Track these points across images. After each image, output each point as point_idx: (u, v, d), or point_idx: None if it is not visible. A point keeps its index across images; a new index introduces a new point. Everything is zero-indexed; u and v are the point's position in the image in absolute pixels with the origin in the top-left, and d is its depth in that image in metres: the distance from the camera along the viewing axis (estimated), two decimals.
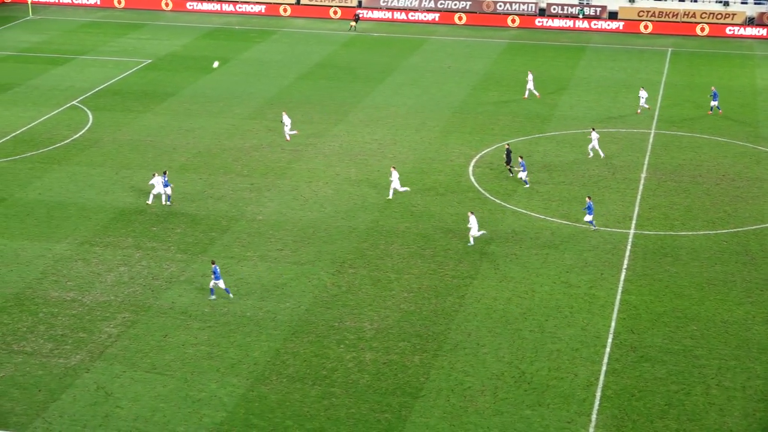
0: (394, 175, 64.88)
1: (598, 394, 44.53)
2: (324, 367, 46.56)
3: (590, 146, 71.68)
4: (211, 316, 50.99)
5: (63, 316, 51.07)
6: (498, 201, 64.57)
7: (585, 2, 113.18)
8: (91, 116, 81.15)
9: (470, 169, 69.97)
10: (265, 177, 68.52)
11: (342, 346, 48.36)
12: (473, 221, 57.99)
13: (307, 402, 43.99)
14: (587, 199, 60.52)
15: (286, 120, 75.20)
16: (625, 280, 54.61)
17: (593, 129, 72.70)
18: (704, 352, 47.79)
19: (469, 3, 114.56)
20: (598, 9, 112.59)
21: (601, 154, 71.55)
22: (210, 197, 65.07)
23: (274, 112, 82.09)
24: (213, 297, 52.52)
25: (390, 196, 64.98)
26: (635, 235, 59.92)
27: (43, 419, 42.80)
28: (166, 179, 63.54)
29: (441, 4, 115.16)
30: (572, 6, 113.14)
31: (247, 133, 77.33)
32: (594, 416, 43.01)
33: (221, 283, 52.28)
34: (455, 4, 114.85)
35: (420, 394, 44.57)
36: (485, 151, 73.04)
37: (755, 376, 45.93)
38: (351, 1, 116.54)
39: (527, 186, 66.31)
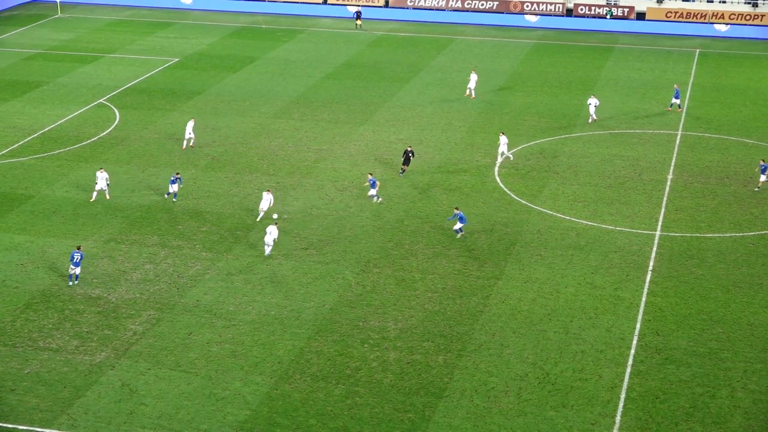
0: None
1: (623, 396, 44.38)
2: (348, 366, 46.59)
3: (499, 150, 70.62)
4: (236, 314, 51.11)
5: (89, 313, 51.30)
6: (524, 202, 64.44)
7: (612, 3, 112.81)
8: (118, 114, 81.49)
9: (496, 169, 69.85)
10: (291, 176, 68.62)
11: (366, 345, 48.38)
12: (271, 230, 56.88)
13: (330, 401, 44.03)
14: (455, 210, 59.33)
15: (189, 126, 73.88)
16: (650, 282, 54.39)
17: (502, 133, 71.72)
18: (730, 354, 47.54)
19: (496, 3, 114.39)
20: (626, 9, 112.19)
21: (510, 157, 70.65)
22: (236, 196, 65.22)
23: (301, 111, 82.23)
24: (71, 283, 53.48)
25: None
26: (661, 237, 59.68)
27: (68, 416, 43.01)
28: (176, 177, 64.08)
29: (468, 3, 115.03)
30: (600, 6, 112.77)
31: (273, 132, 77.48)
32: (618, 418, 42.86)
33: (78, 270, 53.15)
34: (482, 4, 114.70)
35: (444, 394, 44.53)
36: (511, 152, 72.88)
37: None
38: (378, 1, 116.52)
39: (379, 201, 63.85)
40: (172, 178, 64.14)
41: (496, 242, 59.02)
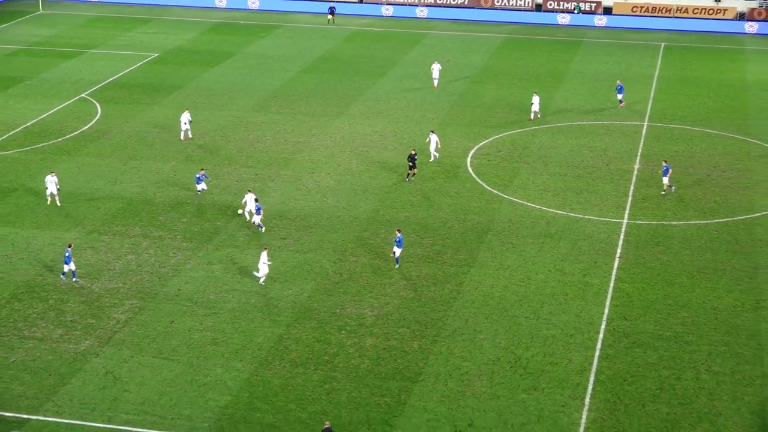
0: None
1: (592, 378, 44.64)
2: (326, 353, 46.66)
3: (431, 148, 69.99)
4: (216, 302, 51.08)
5: (72, 302, 51.17)
6: (495, 191, 64.59)
7: None
8: (99, 108, 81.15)
9: (468, 160, 69.98)
10: (269, 168, 68.54)
11: (343, 332, 48.46)
12: (263, 258, 52.69)
13: (309, 386, 44.09)
14: (397, 232, 54.95)
15: (185, 118, 73.83)
16: (618, 268, 54.67)
17: (432, 131, 71.36)
18: (694, 338, 47.88)
19: None
20: (593, 4, 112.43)
21: (432, 157, 69.52)
22: (215, 187, 65.09)
23: (278, 104, 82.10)
24: (64, 279, 53.24)
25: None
26: (628, 225, 59.96)
27: (53, 402, 42.92)
28: (201, 175, 63.47)
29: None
30: (568, 2, 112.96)
31: (251, 125, 77.33)
32: (587, 400, 43.12)
33: (71, 266, 52.78)
34: (454, 0, 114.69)
35: (419, 378, 44.67)
36: (483, 143, 73.04)
37: (744, 361, 46.02)
38: None
39: (262, 230, 59.40)
40: (198, 176, 63.35)
41: (468, 231, 59.16)
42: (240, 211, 60.66)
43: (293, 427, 41.37)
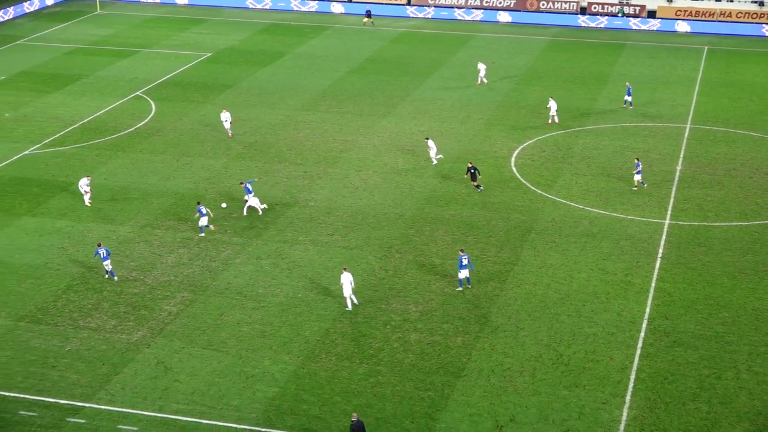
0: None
1: (633, 376, 44.28)
2: (371, 347, 46.64)
3: (431, 154, 69.27)
4: (265, 296, 51.21)
5: (126, 294, 51.52)
6: (539, 191, 64.26)
7: (625, 1, 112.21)
8: (153, 106, 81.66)
9: (512, 160, 69.68)
10: (318, 165, 68.62)
11: (388, 327, 48.41)
12: (346, 279, 50.16)
13: (354, 379, 44.09)
14: (460, 252, 52.36)
15: (225, 116, 73.97)
16: (659, 268, 54.18)
17: (427, 138, 70.50)
18: (735, 338, 47.35)
19: (513, 1, 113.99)
20: (638, 8, 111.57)
21: (434, 161, 69.05)
22: (265, 184, 65.27)
23: (327, 104, 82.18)
24: (114, 277, 53.12)
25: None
26: (670, 225, 59.41)
27: (106, 391, 43.23)
28: (250, 183, 61.42)
29: (486, 2, 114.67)
30: (612, 5, 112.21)
31: (300, 123, 77.46)
32: (628, 398, 42.78)
33: (107, 265, 52.85)
34: (500, 2, 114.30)
35: (462, 373, 44.53)
36: (527, 143, 72.69)
37: None
38: None
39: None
40: (248, 187, 60.82)
41: (512, 229, 58.90)
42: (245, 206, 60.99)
43: (338, 419, 41.38)
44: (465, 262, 51.32)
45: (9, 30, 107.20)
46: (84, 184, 62.33)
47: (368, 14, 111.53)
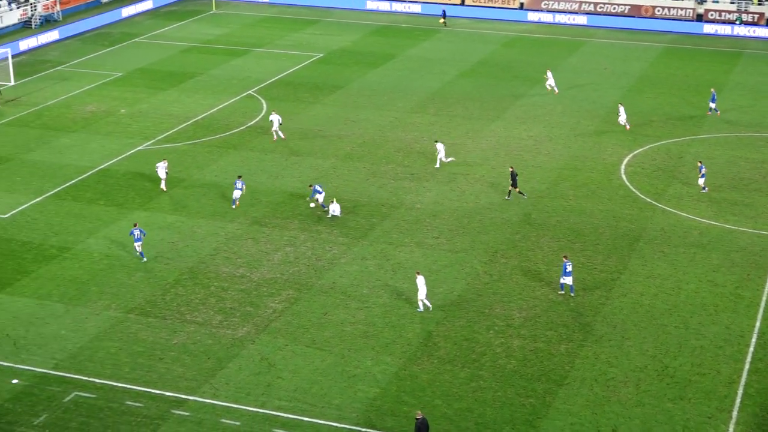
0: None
1: (740, 391, 43.40)
2: (473, 351, 46.55)
3: (439, 157, 68.62)
4: (369, 297, 51.47)
5: (232, 290, 52.27)
6: (648, 200, 63.39)
7: (743, 9, 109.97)
8: (265, 105, 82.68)
9: (622, 168, 68.85)
10: (425, 168, 68.71)
11: (491, 331, 48.26)
12: (421, 283, 50.22)
13: (456, 383, 44.06)
14: (564, 258, 52.24)
15: (275, 118, 74.07)
16: None
17: (437, 141, 70.04)
18: None
19: (627, 7, 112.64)
20: (756, 15, 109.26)
21: (438, 165, 68.53)
22: (372, 185, 65.61)
23: (436, 106, 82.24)
24: (143, 258, 55.27)
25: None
26: None
27: (210, 385, 43.92)
28: (318, 188, 61.94)
29: (600, 7, 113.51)
30: (730, 12, 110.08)
31: (409, 125, 77.66)
32: (735, 413, 41.94)
33: (138, 246, 54.96)
34: (614, 8, 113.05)
35: (564, 381, 44.18)
36: (638, 151, 71.77)
37: None
38: (513, 3, 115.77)
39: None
40: (317, 188, 61.62)
41: (620, 238, 58.21)
42: (312, 205, 61.47)
43: (439, 422, 41.37)
44: (569, 269, 50.97)
45: (127, 27, 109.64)
46: (161, 168, 64.02)
47: (444, 15, 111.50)
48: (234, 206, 62.00)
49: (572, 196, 64.07)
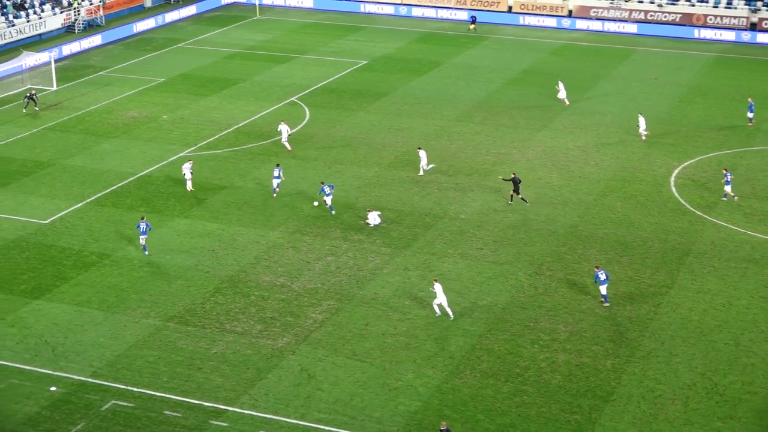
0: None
1: None
2: (517, 365, 46.23)
3: (421, 165, 68.29)
4: (411, 308, 51.28)
5: (273, 299, 52.28)
6: (698, 213, 62.74)
7: None
8: (308, 112, 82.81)
9: (672, 179, 68.22)
10: (470, 177, 68.47)
11: (536, 345, 47.91)
12: (438, 289, 50.44)
13: (499, 398, 43.76)
14: (596, 269, 52.20)
15: (283, 128, 73.92)
16: None
17: (420, 148, 69.77)
18: None
19: (679, 16, 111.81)
20: None
21: (420, 173, 68.41)
22: (416, 194, 65.45)
23: (481, 115, 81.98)
24: (145, 251, 56.63)
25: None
26: None
27: (249, 395, 43.91)
28: (326, 188, 62.13)
29: (651, 15, 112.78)
30: None
31: (453, 134, 77.45)
32: None
33: (143, 240, 56.32)
34: (665, 17, 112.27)
35: (611, 398, 43.75)
36: (688, 163, 71.11)
37: None
38: (562, 11, 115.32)
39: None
40: (325, 189, 61.92)
41: (669, 251, 57.64)
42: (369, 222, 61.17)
43: None
44: (603, 277, 50.73)
45: (171, 33, 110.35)
46: (186, 169, 64.64)
47: (473, 20, 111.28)
48: (274, 195, 62.53)
49: (620, 207, 63.56)
